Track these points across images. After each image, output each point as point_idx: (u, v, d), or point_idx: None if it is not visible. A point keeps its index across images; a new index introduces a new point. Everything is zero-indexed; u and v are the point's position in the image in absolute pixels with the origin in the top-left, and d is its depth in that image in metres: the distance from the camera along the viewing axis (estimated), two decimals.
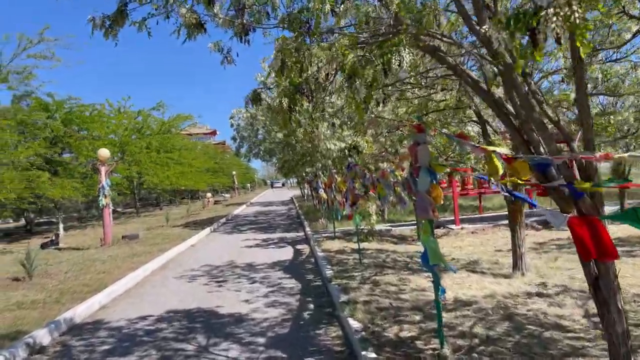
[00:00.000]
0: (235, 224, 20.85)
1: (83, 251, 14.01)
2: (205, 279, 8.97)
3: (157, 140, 28.62)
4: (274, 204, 35.87)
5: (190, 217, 26.06)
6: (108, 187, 15.04)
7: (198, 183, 37.10)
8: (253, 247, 12.92)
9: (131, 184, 29.99)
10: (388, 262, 9.05)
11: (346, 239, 12.31)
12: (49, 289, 8.61)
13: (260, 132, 19.91)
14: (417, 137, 4.21)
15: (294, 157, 16.78)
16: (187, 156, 35.31)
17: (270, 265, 9.87)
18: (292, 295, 7.22)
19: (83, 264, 11.31)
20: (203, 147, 50.28)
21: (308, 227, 15.62)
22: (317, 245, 11.37)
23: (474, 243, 11.40)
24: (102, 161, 14.99)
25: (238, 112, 18.74)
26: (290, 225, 18.23)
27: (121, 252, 12.73)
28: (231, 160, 56.92)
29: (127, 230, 20.80)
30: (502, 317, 5.31)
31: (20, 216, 22.98)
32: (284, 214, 24.96)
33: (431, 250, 4.26)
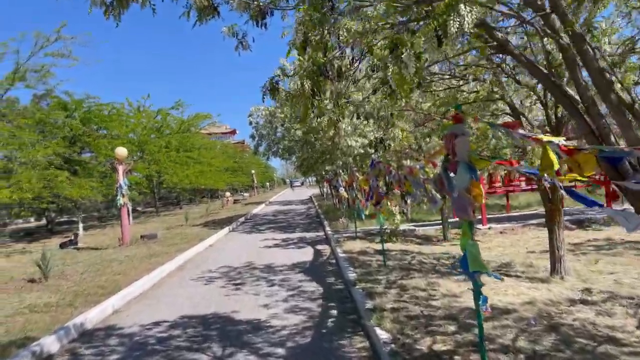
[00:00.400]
0: (254, 223, 20.56)
1: (101, 251, 13.86)
2: (222, 281, 8.62)
3: (176, 139, 28.59)
4: (293, 203, 35.56)
5: (209, 216, 25.91)
6: (126, 186, 14.88)
7: (217, 182, 37.03)
8: (272, 247, 12.56)
9: (151, 183, 30.02)
10: (414, 264, 8.56)
11: (368, 240, 11.85)
12: (64, 290, 8.37)
13: (279, 130, 19.53)
14: (456, 129, 3.73)
15: (313, 155, 16.36)
16: (207, 155, 35.27)
17: (289, 267, 9.47)
18: (313, 300, 6.79)
19: (100, 264, 11.10)
20: (222, 146, 50.35)
21: (328, 227, 15.19)
22: (338, 246, 10.94)
23: (504, 244, 10.82)
24: (120, 160, 14.82)
25: (256, 110, 18.39)
26: (310, 225, 17.83)
27: (139, 252, 12.51)
28: (250, 159, 56.88)
29: (146, 229, 20.72)
30: (546, 328, 4.79)
31: (41, 215, 23.10)
32: (303, 213, 24.59)
33: (471, 255, 3.77)
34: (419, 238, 12.14)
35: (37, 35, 13.26)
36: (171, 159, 26.69)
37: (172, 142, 28.36)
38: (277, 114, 17.66)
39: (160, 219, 26.92)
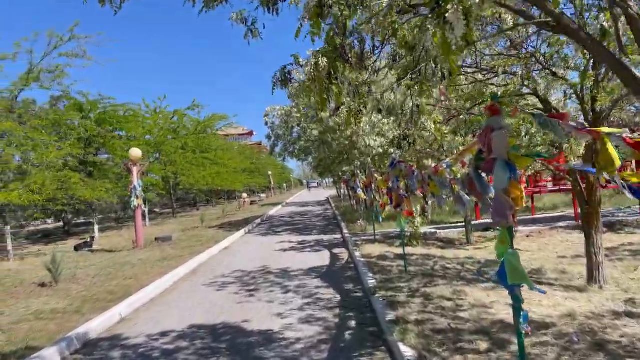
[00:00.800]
0: (270, 225, 20.22)
1: (115, 254, 13.67)
2: (235, 286, 8.25)
3: (192, 140, 28.50)
4: (309, 205, 35.18)
5: (225, 217, 25.68)
6: (140, 187, 14.67)
7: (234, 183, 36.90)
8: (288, 250, 12.17)
9: (167, 184, 29.97)
10: (437, 270, 8.06)
11: (387, 243, 11.36)
12: (73, 296, 8.12)
13: (296, 130, 19.18)
14: (492, 122, 3.27)
15: (330, 155, 15.93)
16: (223, 156, 35.16)
17: (305, 272, 9.06)
18: (330, 308, 6.36)
19: (112, 267, 10.87)
20: (240, 147, 50.34)
21: (346, 229, 14.74)
22: (356, 250, 10.49)
23: (531, 248, 10.22)
24: (134, 161, 14.63)
25: (272, 110, 18.05)
26: (327, 227, 17.41)
27: (152, 256, 12.26)
28: (267, 161, 56.78)
29: (162, 231, 20.57)
30: (591, 345, 4.28)
31: (58, 217, 23.14)
32: (320, 214, 24.18)
33: (511, 266, 3.31)
34: (440, 241, 11.60)
35: (51, 34, 13.15)
36: (187, 160, 26.59)
37: (188, 143, 28.28)
38: (293, 114, 17.30)
39: (177, 221, 26.80)
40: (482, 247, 10.42)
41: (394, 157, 7.41)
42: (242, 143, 58.74)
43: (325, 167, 17.27)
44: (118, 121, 19.19)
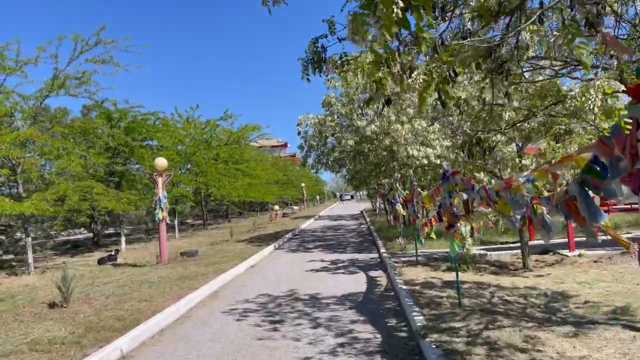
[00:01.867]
0: (301, 240, 19.16)
1: (137, 269, 12.93)
2: (258, 316, 7.18)
3: (225, 151, 27.93)
4: (343, 218, 33.98)
5: (256, 230, 24.84)
6: (165, 199, 13.93)
7: (266, 195, 36.19)
8: (319, 270, 11.03)
9: (198, 195, 29.48)
10: (497, 304, 6.74)
11: (432, 266, 10.05)
12: (78, 321, 7.25)
13: (330, 140, 18.13)
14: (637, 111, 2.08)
15: (366, 167, 14.77)
16: (256, 167, 34.56)
17: (339, 300, 7.90)
18: (370, 354, 5.18)
19: (129, 286, 10.03)
20: (273, 158, 49.85)
21: (382, 248, 13.49)
22: (396, 274, 9.24)
23: (604, 277, 8.71)
24: (160, 171, 13.91)
25: (305, 119, 17.08)
26: (362, 244, 16.19)
27: (174, 273, 11.38)
28: (301, 172, 56.07)
29: (191, 244, 19.88)
30: None
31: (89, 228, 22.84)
32: (354, 229, 22.95)
33: None
34: (492, 265, 10.19)
35: (76, 38, 12.63)
36: (219, 171, 25.97)
37: (220, 154, 27.73)
38: (327, 123, 16.26)
39: (207, 233, 26.16)
40: (544, 274, 8.98)
41: (446, 168, 6.20)
42: (276, 155, 58.30)
43: (360, 179, 16.11)
44: (147, 130, 18.66)
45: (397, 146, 10.29)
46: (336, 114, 16.26)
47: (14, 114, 13.01)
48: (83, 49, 13.05)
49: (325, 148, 18.93)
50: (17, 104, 12.87)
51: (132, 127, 17.72)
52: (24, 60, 11.89)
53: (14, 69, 11.75)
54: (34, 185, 14.92)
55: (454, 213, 6.24)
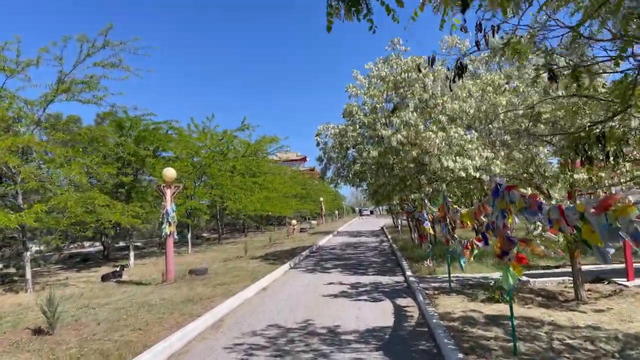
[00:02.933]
0: (319, 258, 17.94)
1: (141, 288, 11.94)
2: (265, 354, 6.02)
3: (242, 163, 27.03)
4: (363, 235, 32.62)
5: (272, 246, 23.73)
6: (174, 212, 12.95)
7: (284, 209, 35.14)
8: (338, 296, 9.81)
9: (214, 209, 28.59)
10: (560, 350, 5.44)
11: (468, 295, 8.73)
12: (58, 355, 6.20)
13: (351, 152, 17.00)
14: None
15: (391, 180, 13.55)
16: (273, 181, 33.58)
17: (361, 336, 6.68)
18: None
19: (127, 310, 8.99)
20: (292, 172, 48.94)
21: (408, 270, 12.20)
22: (428, 304, 7.96)
23: None
24: (168, 183, 12.96)
25: (325, 129, 16.01)
26: (384, 265, 14.90)
27: (178, 295, 10.32)
28: (320, 187, 54.98)
29: (203, 260, 18.88)
30: None
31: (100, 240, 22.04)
32: (375, 247, 21.63)
33: None
34: (538, 295, 8.83)
35: (82, 39, 11.84)
36: (235, 184, 25.01)
37: (237, 166, 26.83)
38: (349, 133, 15.15)
39: (222, 248, 25.14)
40: (604, 309, 7.59)
41: (498, 181, 4.99)
42: (295, 168, 57.42)
43: (383, 194, 14.89)
44: (159, 140, 17.82)
45: (428, 157, 9.08)
46: (358, 123, 15.16)
47: (18, 120, 12.28)
48: (90, 51, 12.28)
49: (346, 160, 17.82)
50: (20, 110, 12.12)
51: (143, 136, 16.89)
52: (25, 62, 11.14)
53: (14, 70, 11.01)
54: (39, 195, 14.12)
55: (508, 237, 5.02)
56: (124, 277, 14.44)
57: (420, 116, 11.62)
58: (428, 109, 12.15)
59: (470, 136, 8.88)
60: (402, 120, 11.60)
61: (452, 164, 8.56)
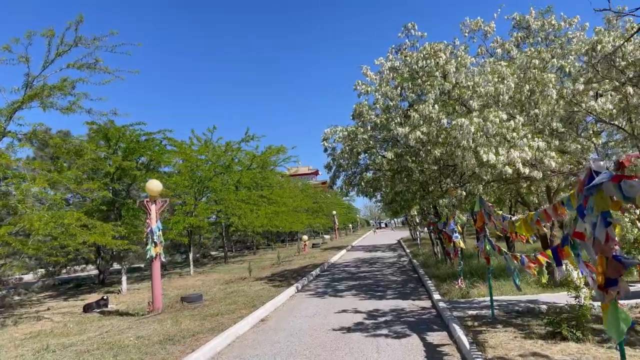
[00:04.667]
0: (330, 278, 16.03)
1: (122, 320, 10.24)
2: None
3: (247, 175, 25.34)
4: (379, 249, 30.55)
5: (280, 265, 21.87)
6: (159, 231, 11.23)
7: (294, 224, 33.31)
8: (352, 329, 7.91)
9: (218, 226, 26.87)
10: None
11: (520, 328, 6.75)
12: None
13: (362, 158, 15.16)
14: None
15: (410, 187, 11.69)
16: (283, 194, 31.82)
17: None
18: None
19: (91, 354, 7.22)
20: (304, 185, 47.25)
21: (436, 292, 10.26)
22: (472, 343, 6.01)
23: None
24: (153, 197, 11.28)
25: (332, 132, 14.23)
26: (406, 285, 12.93)
27: (158, 331, 8.54)
28: (332, 200, 53.11)
29: (204, 282, 17.14)
30: None
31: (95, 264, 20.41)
32: (394, 263, 19.62)
33: None
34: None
35: (48, 33, 10.29)
36: (240, 199, 23.27)
37: (242, 179, 25.13)
38: (359, 136, 13.36)
39: (227, 268, 23.34)
40: None
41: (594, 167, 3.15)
42: (306, 182, 55.69)
43: (401, 203, 13.00)
44: (152, 151, 16.19)
45: (461, 151, 7.22)
46: (369, 124, 13.34)
47: None
48: (59, 49, 10.75)
49: (357, 168, 15.92)
50: None
51: (132, 148, 15.28)
52: None
53: None
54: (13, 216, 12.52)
55: (616, 257, 3.14)
56: (110, 307, 12.73)
57: (443, 109, 9.79)
58: (451, 102, 10.32)
59: (514, 122, 7.02)
60: (421, 115, 9.80)
61: (494, 158, 6.69)
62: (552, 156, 6.40)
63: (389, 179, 14.41)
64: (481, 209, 7.12)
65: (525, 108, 7.35)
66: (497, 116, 6.87)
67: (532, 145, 6.66)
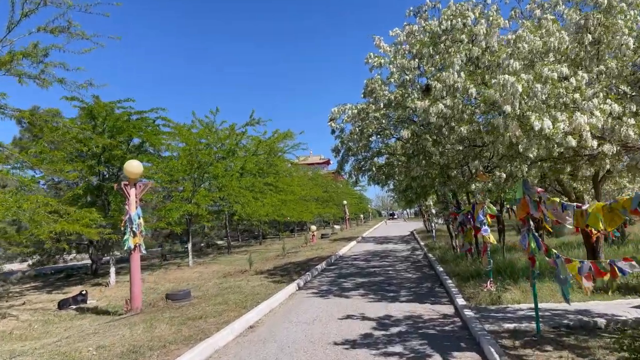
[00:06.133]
0: (337, 273, 14.51)
1: (94, 320, 8.97)
2: None
3: (251, 161, 23.80)
4: (391, 241, 28.94)
5: (285, 257, 20.44)
6: (139, 219, 9.81)
7: (303, 213, 31.85)
8: (357, 344, 6.39)
9: (221, 215, 25.47)
10: None
11: (575, 349, 5.15)
12: None
13: (374, 140, 13.52)
14: None
15: (428, 171, 10.08)
16: (291, 182, 30.31)
17: None
18: None
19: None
20: (314, 174, 45.69)
21: (459, 295, 8.69)
22: None
23: None
24: (132, 180, 9.84)
25: (341, 111, 12.60)
26: (421, 283, 11.37)
27: (125, 339, 7.12)
28: (344, 190, 51.48)
29: (201, 275, 15.82)
30: None
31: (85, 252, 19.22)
32: (407, 257, 18.02)
33: None
34: None
35: None
36: (243, 186, 21.76)
37: (246, 166, 23.59)
38: (370, 113, 11.75)
39: (229, 259, 22.01)
40: None
41: None
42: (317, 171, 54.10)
43: (417, 190, 11.37)
44: (143, 132, 14.71)
45: (503, 119, 5.56)
46: (382, 101, 11.64)
47: None
48: (25, 8, 9.29)
49: (369, 152, 14.20)
50: None
51: (120, 127, 13.82)
52: None
53: None
54: None
55: None
56: (89, 302, 11.42)
57: (470, 78, 8.11)
58: (479, 71, 8.64)
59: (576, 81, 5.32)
60: (444, 85, 8.16)
61: (550, 126, 5.02)
62: (632, 124, 4.76)
63: (403, 165, 12.78)
64: (525, 195, 5.52)
65: (585, 65, 5.71)
66: (555, 70, 5.21)
67: (605, 109, 5.01)
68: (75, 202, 14.12)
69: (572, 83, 5.37)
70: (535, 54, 6.18)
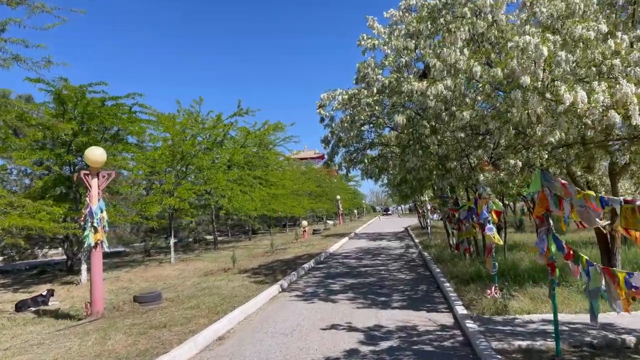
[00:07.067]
0: (325, 272, 13.52)
1: (47, 327, 7.95)
2: None
3: (239, 153, 22.70)
4: (384, 237, 27.99)
5: (273, 254, 19.42)
6: (102, 212, 8.75)
7: (295, 208, 30.87)
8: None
9: (207, 209, 24.37)
10: None
11: None
12: None
13: (366, 129, 12.52)
14: None
15: (425, 162, 9.08)
16: (283, 177, 29.27)
17: None
18: None
19: None
20: (307, 168, 44.70)
21: (458, 301, 7.72)
22: None
23: None
24: (95, 170, 8.77)
25: (331, 97, 11.57)
26: (416, 286, 10.40)
27: (69, 355, 6.08)
28: (337, 185, 50.50)
29: (180, 274, 14.79)
30: None
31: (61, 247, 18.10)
32: (401, 256, 17.05)
33: None
34: None
35: None
36: (230, 179, 20.66)
37: (234, 158, 22.49)
38: (362, 100, 10.72)
39: (214, 256, 20.93)
40: None
41: None
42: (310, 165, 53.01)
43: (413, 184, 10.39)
44: (117, 118, 13.58)
45: (521, 93, 4.55)
46: (375, 86, 10.60)
47: None
48: None
49: (361, 143, 13.16)
50: None
51: (91, 113, 12.69)
52: None
53: None
54: None
55: None
56: (51, 304, 10.36)
57: (474, 57, 7.10)
58: (484, 48, 7.64)
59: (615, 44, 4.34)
60: (445, 64, 7.17)
61: (586, 99, 4.02)
62: None
63: (397, 157, 11.80)
64: (543, 188, 4.53)
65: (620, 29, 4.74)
66: (590, 28, 4.21)
67: None
68: (45, 194, 13.07)
69: (611, 46, 4.39)
70: (557, 19, 5.15)
